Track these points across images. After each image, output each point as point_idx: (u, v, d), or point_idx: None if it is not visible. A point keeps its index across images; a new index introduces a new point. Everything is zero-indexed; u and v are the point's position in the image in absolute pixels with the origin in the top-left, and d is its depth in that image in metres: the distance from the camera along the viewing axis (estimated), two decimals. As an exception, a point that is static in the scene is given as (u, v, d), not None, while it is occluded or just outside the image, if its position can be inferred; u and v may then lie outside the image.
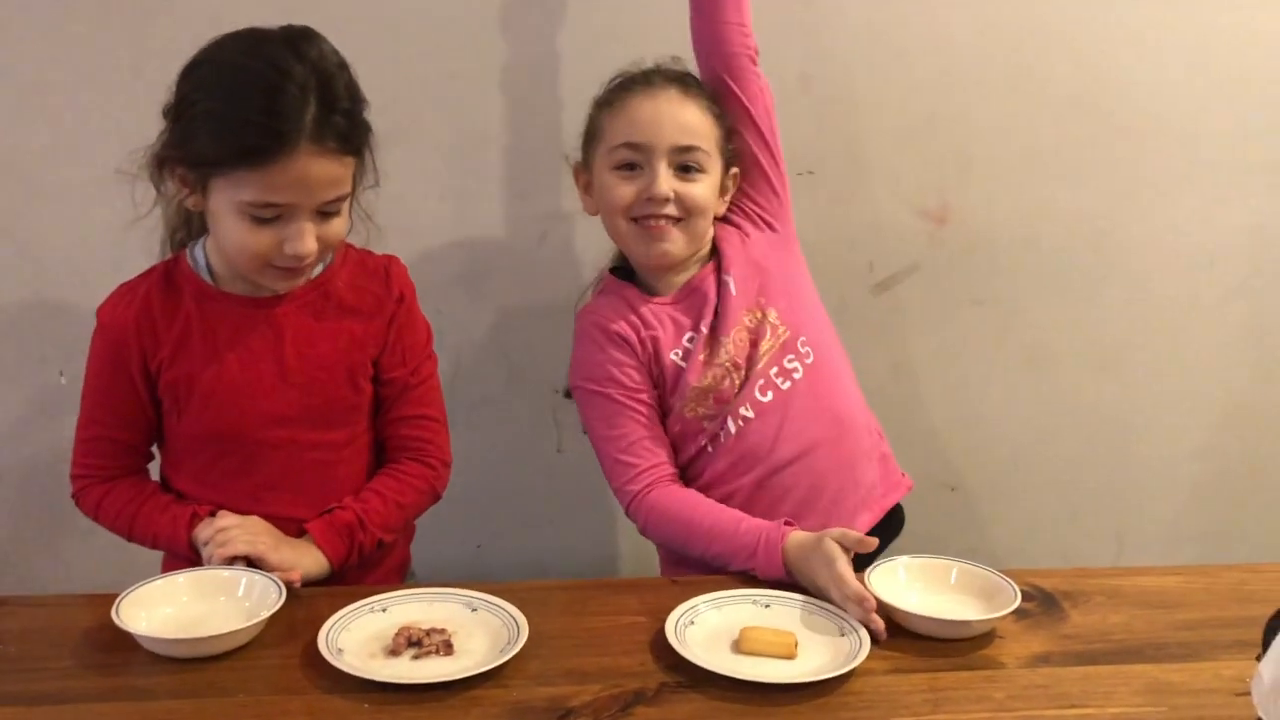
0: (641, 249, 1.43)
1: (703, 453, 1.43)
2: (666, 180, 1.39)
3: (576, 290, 1.78)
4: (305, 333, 1.33)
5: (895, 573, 1.24)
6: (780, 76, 1.70)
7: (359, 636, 1.12)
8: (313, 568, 1.26)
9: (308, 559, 1.26)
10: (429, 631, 1.12)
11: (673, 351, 1.43)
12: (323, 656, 1.06)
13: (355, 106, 1.24)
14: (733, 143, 1.47)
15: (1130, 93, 1.80)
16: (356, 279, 1.37)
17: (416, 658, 1.09)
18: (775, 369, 1.42)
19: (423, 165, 1.72)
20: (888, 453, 1.52)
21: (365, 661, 1.08)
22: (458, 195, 1.75)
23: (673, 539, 1.39)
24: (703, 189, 1.41)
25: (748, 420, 1.41)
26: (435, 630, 1.12)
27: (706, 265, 1.46)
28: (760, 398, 1.41)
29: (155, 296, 1.32)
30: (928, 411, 1.87)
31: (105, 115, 1.64)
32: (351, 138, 1.24)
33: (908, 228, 1.83)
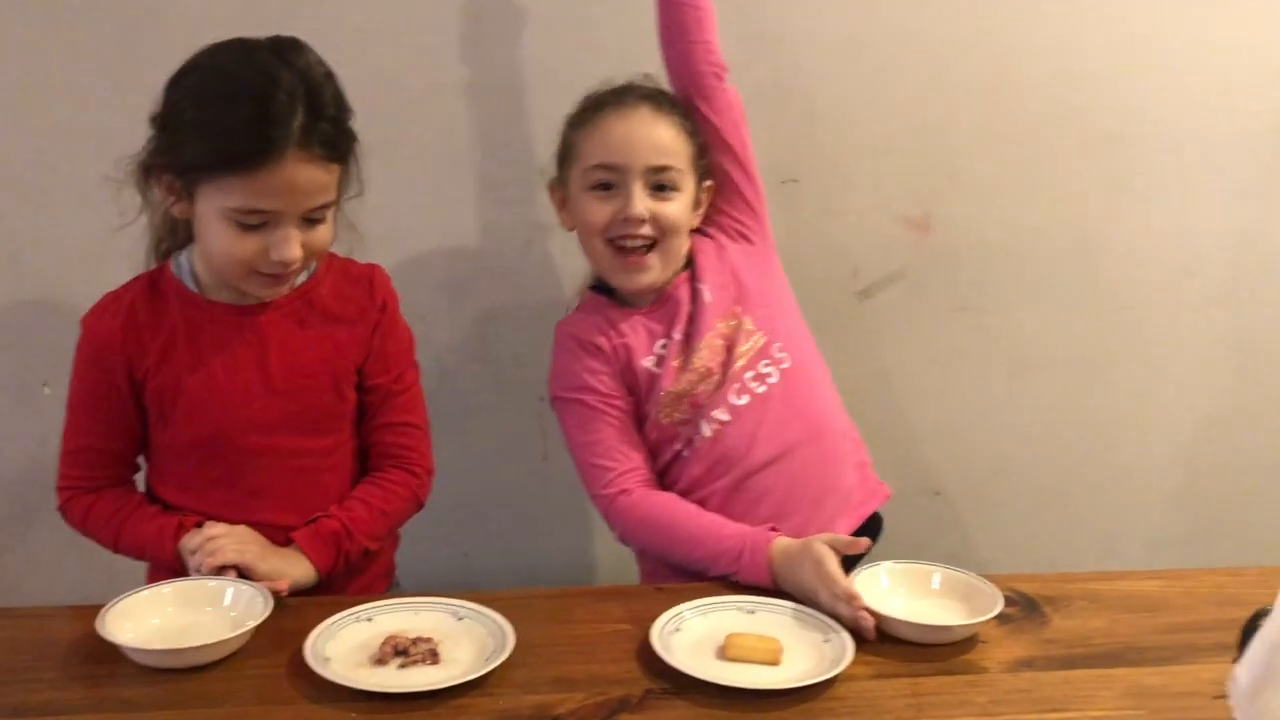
0: (619, 278, 1.45)
1: (678, 458, 1.44)
2: (641, 201, 1.39)
3: (560, 298, 1.79)
4: (290, 340, 1.34)
5: (878, 578, 1.25)
6: (764, 86, 1.72)
7: (345, 646, 1.13)
8: (300, 576, 1.27)
9: (295, 568, 1.27)
10: (415, 640, 1.12)
11: (645, 358, 1.44)
12: (309, 666, 1.07)
13: (341, 115, 1.25)
14: (705, 158, 1.47)
15: (1112, 102, 1.81)
16: (340, 287, 1.38)
17: (403, 666, 1.10)
18: (751, 373, 1.43)
19: (407, 175, 1.72)
20: (866, 460, 1.52)
21: (352, 671, 1.08)
22: (442, 204, 1.76)
23: (652, 544, 1.40)
24: (677, 207, 1.42)
25: (723, 424, 1.42)
26: (421, 639, 1.12)
27: (681, 275, 1.47)
28: (735, 401, 1.42)
29: (140, 305, 1.32)
30: (911, 418, 1.88)
31: (90, 124, 1.64)
32: (338, 145, 1.25)
33: (891, 236, 1.84)
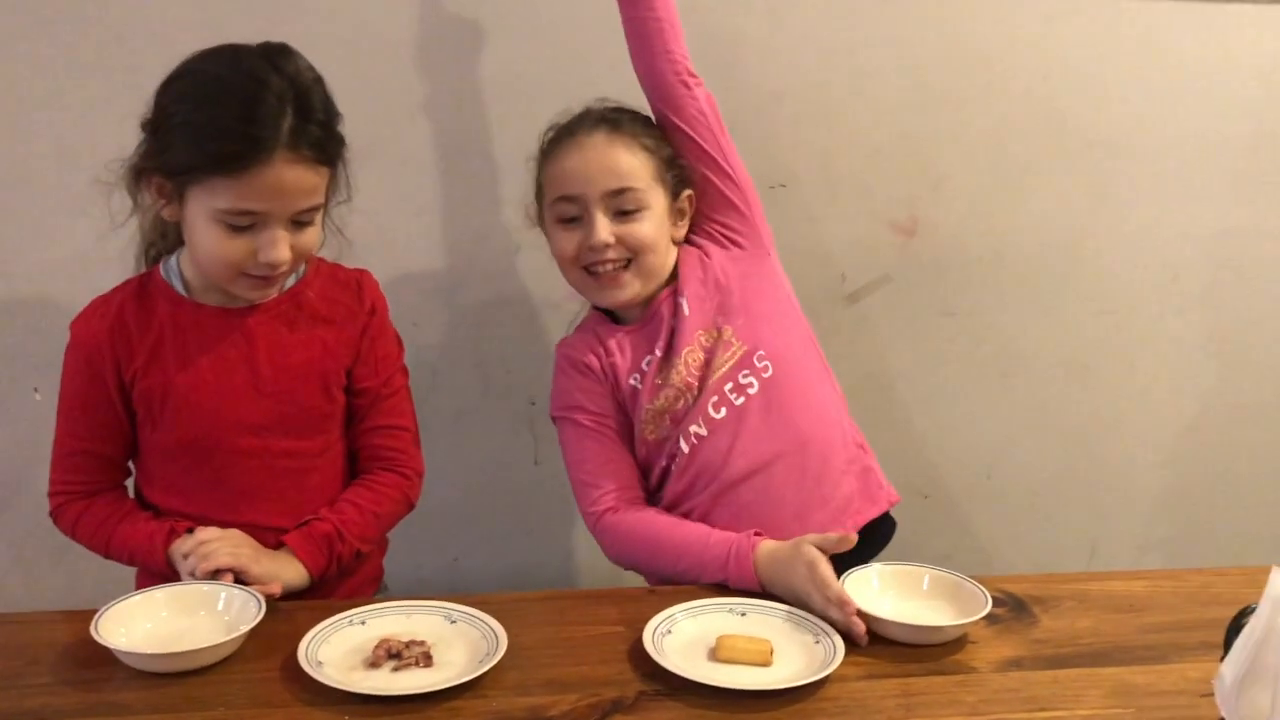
0: (596, 297, 1.47)
1: (665, 473, 1.45)
2: (604, 228, 1.40)
3: (552, 303, 1.81)
4: (278, 342, 1.34)
5: (869, 580, 1.26)
6: (752, 92, 1.73)
7: (339, 650, 1.13)
8: (293, 579, 1.27)
9: (288, 570, 1.27)
10: (408, 644, 1.12)
11: (631, 376, 1.45)
12: (303, 669, 1.07)
13: (330, 119, 1.26)
14: (677, 168, 1.46)
15: (1094, 110, 1.83)
16: (328, 290, 1.39)
17: (396, 670, 1.10)
18: (730, 384, 1.42)
19: (398, 180, 1.73)
20: (871, 466, 1.50)
21: (345, 674, 1.09)
22: (433, 209, 1.76)
23: (639, 560, 1.40)
24: (645, 226, 1.42)
25: (701, 438, 1.42)
26: (415, 642, 1.13)
27: (666, 289, 1.46)
28: (714, 414, 1.41)
29: (129, 308, 1.33)
30: (900, 421, 1.89)
31: (78, 132, 1.64)
32: (326, 148, 1.26)
33: (879, 240, 1.85)
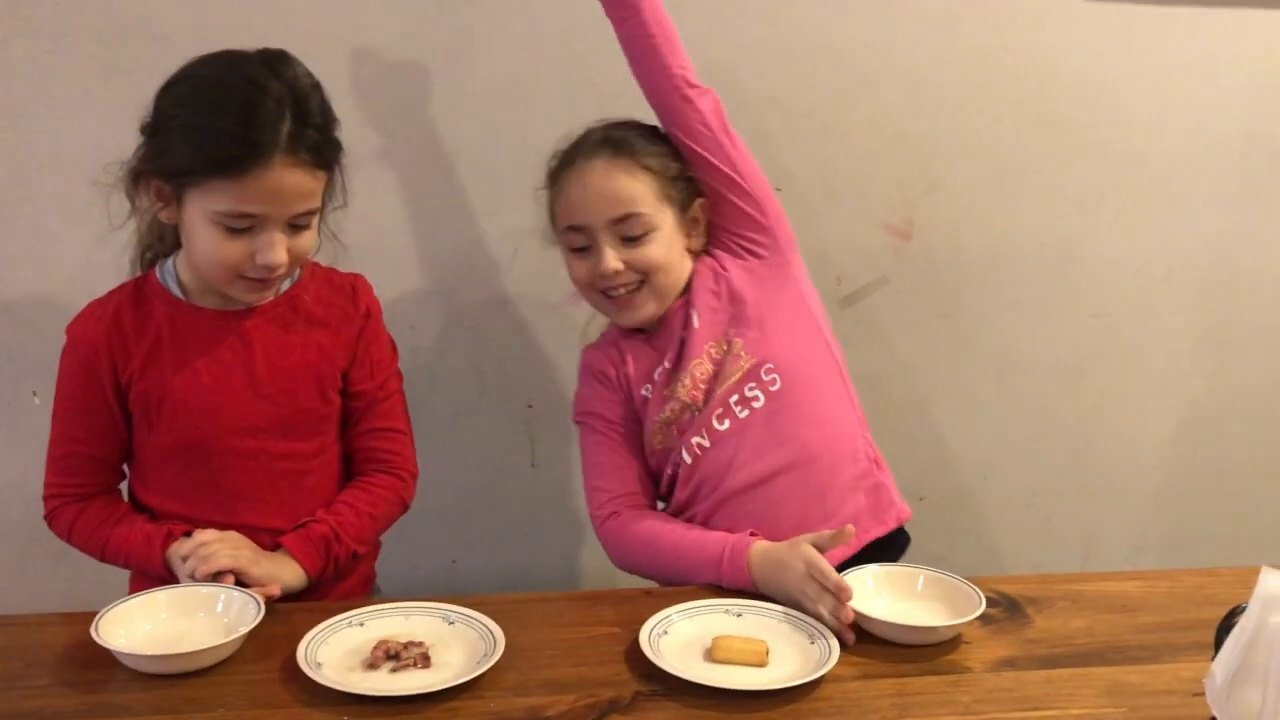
0: (616, 318, 1.48)
1: (672, 482, 1.46)
2: (611, 257, 1.40)
3: (548, 306, 1.81)
4: (275, 344, 1.35)
5: (864, 581, 1.27)
6: (750, 96, 1.74)
7: (337, 651, 1.13)
8: (291, 580, 1.28)
9: (286, 572, 1.28)
10: (407, 645, 1.13)
11: (643, 387, 1.46)
12: (302, 671, 1.07)
13: (328, 124, 1.28)
14: (684, 181, 1.44)
15: (1088, 114, 1.84)
16: (324, 294, 1.40)
17: (395, 670, 1.10)
18: (735, 397, 1.41)
19: (395, 185, 1.74)
20: (883, 483, 1.47)
21: (344, 675, 1.09)
22: (430, 214, 1.77)
23: (640, 563, 1.41)
24: (654, 249, 1.41)
25: (704, 449, 1.42)
26: (413, 643, 1.13)
27: (679, 301, 1.46)
28: (717, 426, 1.42)
29: (125, 310, 1.34)
30: (896, 422, 1.90)
31: (75, 135, 1.65)
32: (324, 152, 1.27)
33: (875, 243, 1.86)
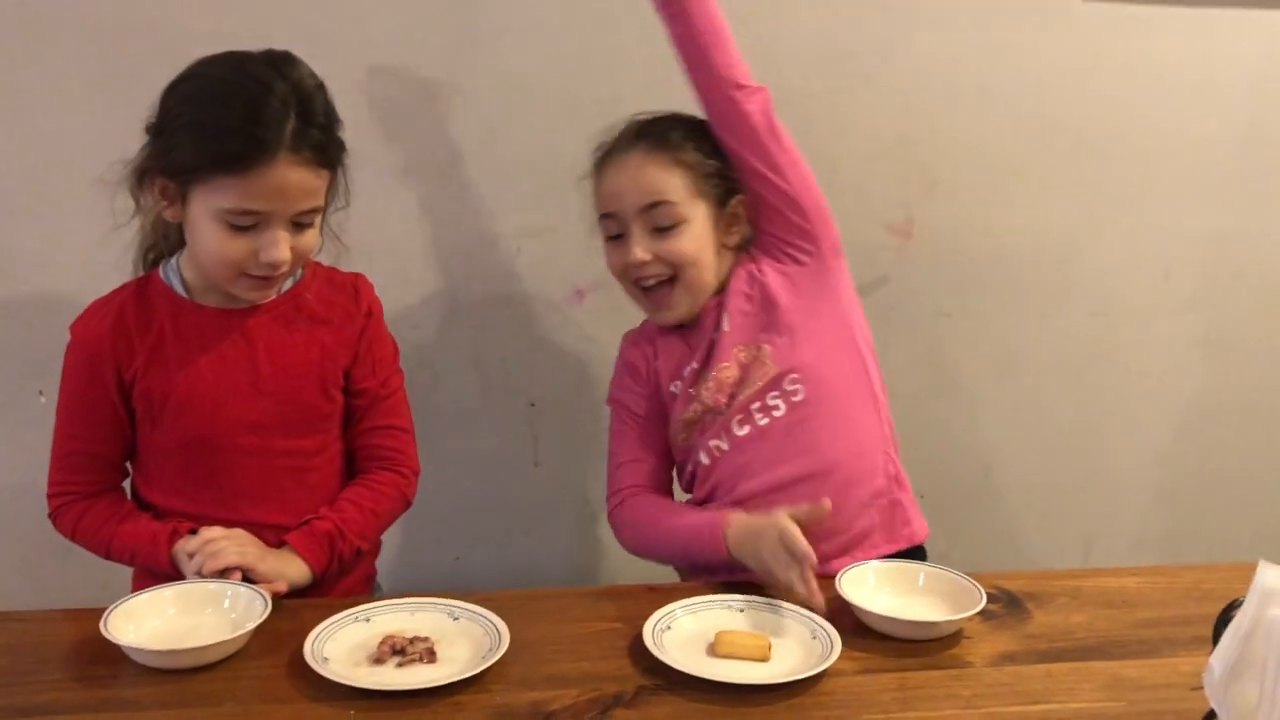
0: (650, 314, 1.49)
1: (693, 478, 1.48)
2: (641, 246, 1.40)
3: (551, 305, 1.82)
4: (278, 342, 1.36)
5: (865, 576, 1.28)
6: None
7: (344, 646, 1.14)
8: (297, 576, 1.29)
9: (291, 568, 1.29)
10: (412, 640, 1.14)
11: (673, 383, 1.47)
12: (308, 665, 1.08)
13: (331, 123, 1.29)
14: (720, 177, 1.43)
15: (1088, 113, 1.85)
16: (325, 293, 1.41)
17: (401, 665, 1.11)
18: (757, 404, 1.41)
19: (399, 185, 1.75)
20: (900, 501, 1.46)
21: (350, 670, 1.10)
22: (434, 214, 1.78)
23: (642, 545, 1.44)
24: (684, 241, 1.41)
25: (721, 452, 1.43)
26: (419, 638, 1.14)
27: (713, 299, 1.45)
28: (737, 431, 1.42)
29: (129, 308, 1.34)
30: (897, 421, 1.90)
31: (80, 134, 1.66)
32: (327, 151, 1.28)
33: (875, 242, 1.87)
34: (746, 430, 1.42)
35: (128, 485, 1.42)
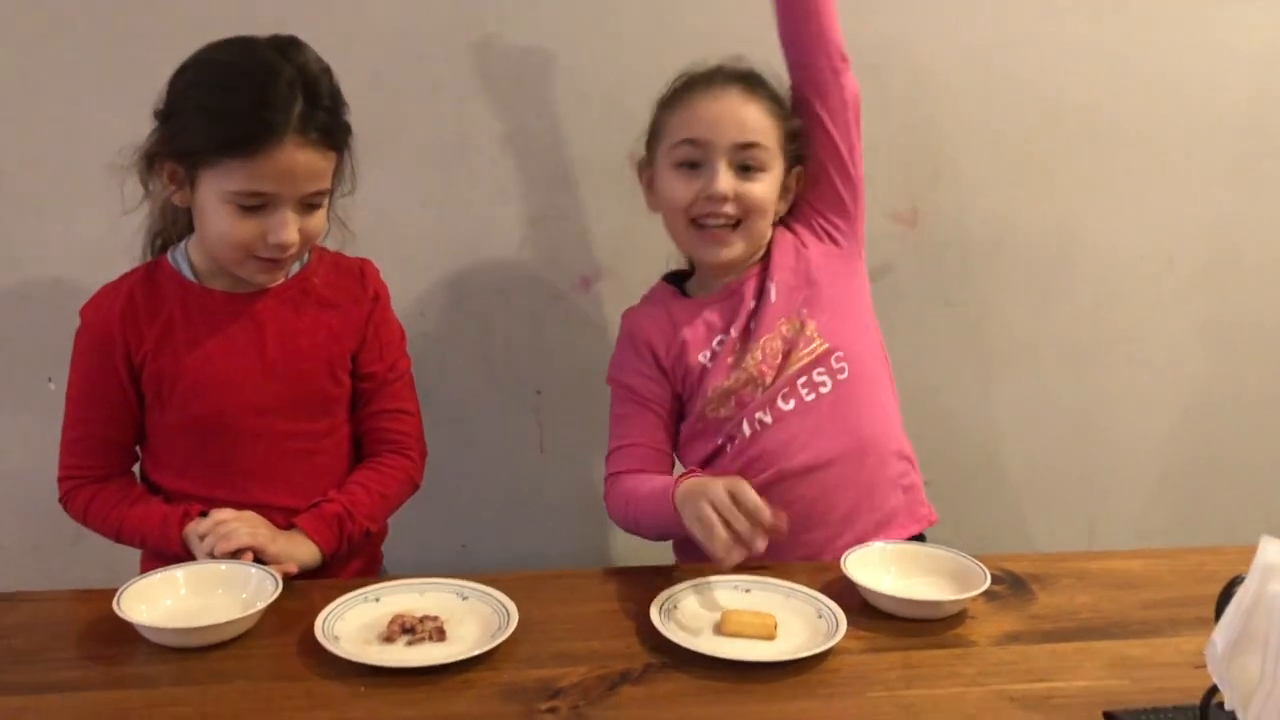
0: (699, 252, 1.45)
1: (719, 452, 1.45)
2: (726, 179, 1.38)
3: (557, 293, 1.83)
4: (286, 326, 1.37)
5: (871, 556, 1.29)
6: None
7: (354, 625, 1.16)
8: (306, 558, 1.31)
9: (301, 549, 1.30)
10: (422, 619, 1.15)
11: (700, 354, 1.44)
12: (319, 644, 1.09)
13: (337, 106, 1.30)
14: (798, 144, 1.44)
15: (1091, 101, 1.86)
16: (332, 277, 1.42)
17: (410, 644, 1.12)
18: (804, 379, 1.41)
19: (405, 174, 1.76)
20: (917, 484, 1.49)
21: (360, 648, 1.11)
22: (439, 202, 1.79)
23: (627, 519, 1.43)
24: (763, 188, 1.40)
25: (765, 425, 1.41)
26: (428, 617, 1.15)
27: (753, 268, 1.45)
28: (782, 405, 1.41)
29: (138, 293, 1.36)
30: (903, 407, 1.91)
31: (88, 123, 1.66)
32: (334, 133, 1.29)
33: (880, 230, 1.87)
34: (792, 404, 1.41)
35: (136, 469, 1.43)
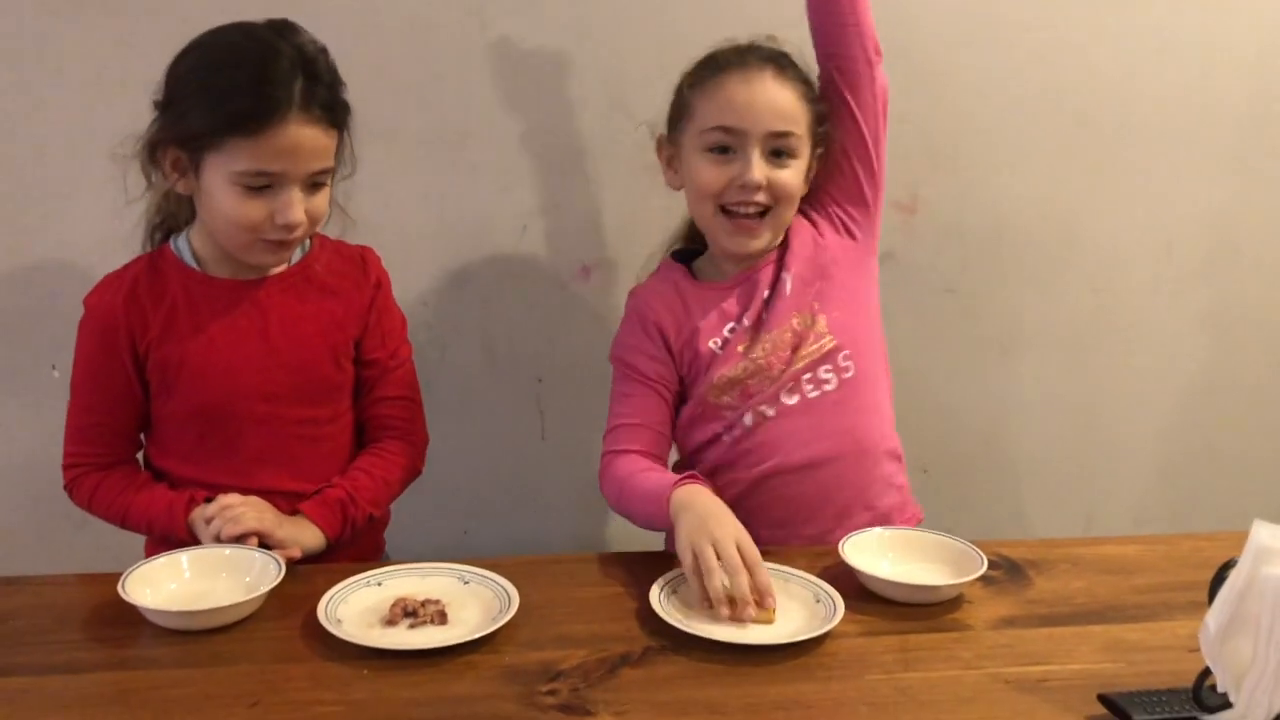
0: (726, 240, 1.42)
1: (716, 440, 1.44)
2: (760, 168, 1.36)
3: (558, 282, 1.84)
4: (290, 312, 1.38)
5: (869, 541, 1.30)
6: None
7: (356, 609, 1.17)
8: (311, 542, 1.32)
9: (306, 534, 1.31)
10: (424, 602, 1.16)
11: (711, 340, 1.42)
12: (322, 627, 1.11)
13: (337, 84, 1.31)
14: (824, 126, 1.43)
15: (1092, 89, 1.86)
16: (334, 264, 1.43)
17: (412, 627, 1.14)
18: (809, 375, 1.40)
19: (407, 162, 1.76)
20: (905, 483, 1.50)
21: (363, 631, 1.12)
22: (441, 191, 1.79)
23: (619, 504, 1.41)
24: (793, 174, 1.39)
25: (767, 418, 1.40)
26: (430, 601, 1.16)
27: (769, 256, 1.44)
28: (786, 400, 1.40)
29: (142, 281, 1.36)
30: (901, 396, 1.90)
31: (92, 113, 1.67)
32: (335, 110, 1.30)
33: (880, 218, 1.88)
34: (796, 399, 1.40)
35: (141, 456, 1.44)
